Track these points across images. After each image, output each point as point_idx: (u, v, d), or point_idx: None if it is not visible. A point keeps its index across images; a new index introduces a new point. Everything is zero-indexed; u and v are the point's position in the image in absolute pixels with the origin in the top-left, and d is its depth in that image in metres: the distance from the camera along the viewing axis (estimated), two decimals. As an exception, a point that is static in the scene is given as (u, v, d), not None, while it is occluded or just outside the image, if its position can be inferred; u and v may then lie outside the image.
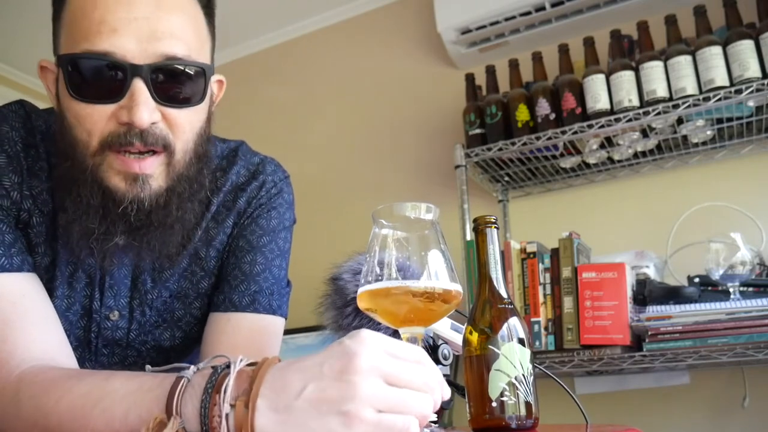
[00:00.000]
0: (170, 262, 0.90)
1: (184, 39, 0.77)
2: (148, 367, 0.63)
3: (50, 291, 0.84)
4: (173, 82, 0.77)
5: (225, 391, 0.53)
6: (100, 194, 0.77)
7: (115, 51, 0.73)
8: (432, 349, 0.84)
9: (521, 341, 0.73)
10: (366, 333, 0.54)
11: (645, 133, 1.81)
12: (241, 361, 0.56)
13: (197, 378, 0.56)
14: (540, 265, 1.69)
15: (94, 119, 0.75)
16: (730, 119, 1.72)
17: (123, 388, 0.60)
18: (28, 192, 0.82)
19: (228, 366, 0.55)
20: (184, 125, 0.79)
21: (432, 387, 0.55)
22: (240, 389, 0.53)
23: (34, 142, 0.84)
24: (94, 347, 0.90)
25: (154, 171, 0.78)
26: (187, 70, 0.77)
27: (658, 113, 1.65)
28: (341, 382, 0.51)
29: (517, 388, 0.71)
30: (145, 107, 0.74)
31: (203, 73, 0.80)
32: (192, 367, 0.58)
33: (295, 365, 0.54)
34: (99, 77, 0.74)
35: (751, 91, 1.57)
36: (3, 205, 0.80)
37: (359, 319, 0.82)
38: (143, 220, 0.79)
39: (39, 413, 0.64)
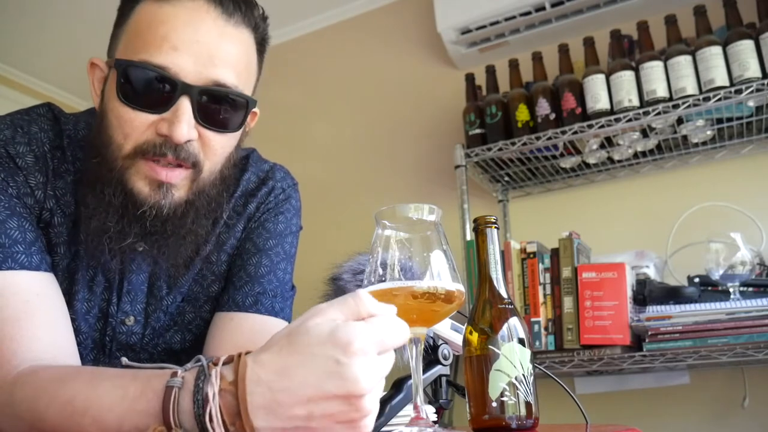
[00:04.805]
0: (182, 270, 0.92)
1: (236, 69, 0.81)
2: (123, 359, 0.63)
3: (71, 293, 0.85)
4: (217, 107, 0.81)
5: (213, 420, 0.54)
6: (123, 195, 0.80)
7: (171, 67, 0.77)
8: (432, 349, 0.84)
9: (521, 341, 0.73)
10: (355, 344, 0.53)
11: (645, 133, 1.81)
12: (218, 373, 0.55)
13: (185, 396, 0.56)
14: (540, 265, 1.69)
15: (135, 125, 0.78)
16: (730, 119, 1.72)
17: (107, 396, 0.60)
18: (52, 192, 0.84)
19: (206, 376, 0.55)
20: (217, 148, 0.83)
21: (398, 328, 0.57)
22: (228, 408, 0.54)
23: (61, 145, 0.87)
24: (109, 350, 0.91)
25: (178, 182, 0.81)
26: (232, 98, 0.82)
27: (658, 113, 1.65)
28: (349, 405, 0.53)
29: (517, 388, 0.71)
30: (185, 124, 0.77)
31: (246, 104, 0.84)
32: (179, 373, 0.57)
33: (284, 382, 0.54)
34: (149, 87, 0.77)
35: (751, 91, 1.57)
36: (27, 203, 0.82)
37: (359, 319, 0.82)
38: (158, 227, 0.82)
39: (33, 416, 0.65)
